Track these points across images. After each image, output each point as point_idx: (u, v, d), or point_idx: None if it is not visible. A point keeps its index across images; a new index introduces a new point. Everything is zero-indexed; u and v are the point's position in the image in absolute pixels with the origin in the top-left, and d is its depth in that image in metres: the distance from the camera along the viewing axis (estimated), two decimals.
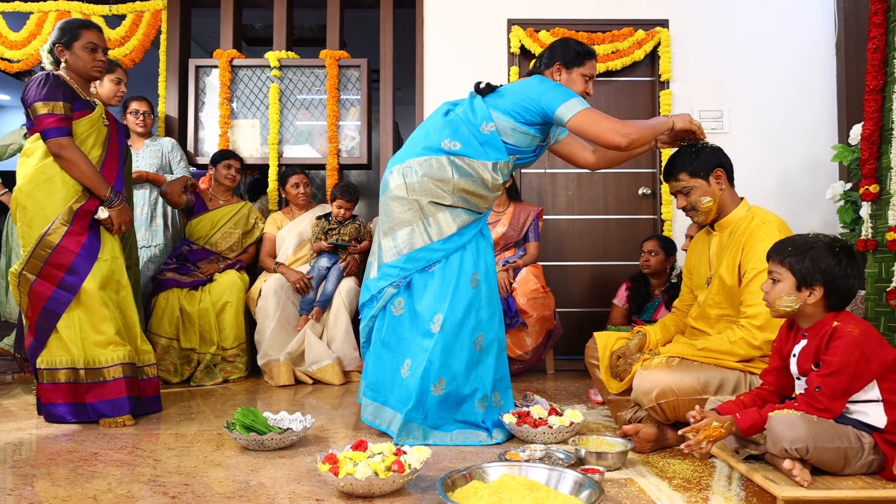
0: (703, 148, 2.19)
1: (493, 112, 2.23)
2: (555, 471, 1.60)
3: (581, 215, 4.17)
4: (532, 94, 2.20)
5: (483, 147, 2.23)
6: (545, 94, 2.18)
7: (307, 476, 1.81)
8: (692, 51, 4.08)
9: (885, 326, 2.54)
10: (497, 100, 2.25)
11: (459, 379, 2.19)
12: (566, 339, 3.98)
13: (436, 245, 2.21)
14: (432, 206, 2.22)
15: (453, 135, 2.24)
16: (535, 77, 2.29)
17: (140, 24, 4.20)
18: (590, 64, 2.32)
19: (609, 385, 2.28)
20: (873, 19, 2.66)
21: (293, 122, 4.20)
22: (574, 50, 2.31)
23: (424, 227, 2.21)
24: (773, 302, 1.66)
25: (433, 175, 2.22)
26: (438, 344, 2.15)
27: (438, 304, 2.18)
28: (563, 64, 2.31)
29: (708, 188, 2.14)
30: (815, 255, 1.60)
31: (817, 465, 1.51)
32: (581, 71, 2.31)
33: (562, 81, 2.29)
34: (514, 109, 2.21)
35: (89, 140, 2.54)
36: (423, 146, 2.27)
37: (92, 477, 1.81)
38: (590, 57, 2.33)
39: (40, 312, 2.43)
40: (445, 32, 4.14)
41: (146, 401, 2.59)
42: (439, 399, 2.16)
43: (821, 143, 4.01)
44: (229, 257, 3.70)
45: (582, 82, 2.32)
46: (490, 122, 2.22)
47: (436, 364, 2.14)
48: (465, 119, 2.26)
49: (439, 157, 2.23)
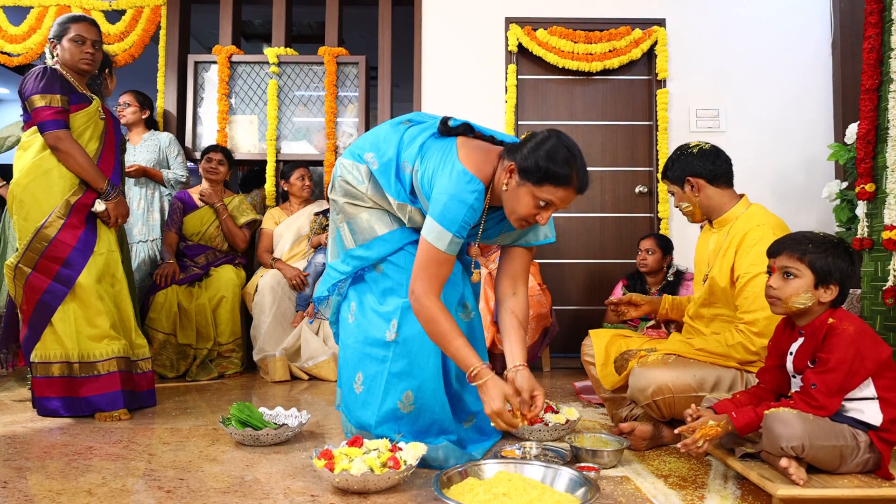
0: (683, 154, 2.15)
1: (418, 160, 1.82)
2: (550, 468, 1.60)
3: (578, 213, 4.17)
4: (438, 178, 1.74)
5: (398, 183, 1.88)
6: (436, 191, 1.72)
7: (302, 472, 1.81)
8: (689, 50, 4.09)
9: (882, 325, 2.55)
10: (432, 150, 1.82)
11: (428, 397, 1.88)
12: (562, 336, 3.99)
13: (356, 251, 1.96)
14: (350, 207, 1.98)
15: (379, 151, 1.92)
16: (457, 171, 1.72)
17: (140, 20, 4.19)
18: (549, 189, 1.65)
19: (605, 382, 2.28)
20: (869, 19, 2.66)
21: (291, 119, 4.19)
22: (536, 162, 1.64)
23: (347, 228, 1.99)
24: (786, 298, 1.61)
25: (347, 178, 1.98)
26: (397, 353, 1.87)
27: (392, 310, 1.89)
28: (517, 168, 1.68)
29: (683, 195, 2.15)
30: (836, 253, 1.59)
31: (813, 463, 1.52)
32: (534, 191, 1.66)
33: (508, 189, 1.70)
34: (426, 174, 1.80)
35: (86, 133, 2.53)
36: (352, 150, 2.03)
37: (86, 471, 1.80)
38: (553, 182, 1.64)
39: (35, 306, 2.42)
40: (444, 30, 4.14)
41: (141, 395, 2.58)
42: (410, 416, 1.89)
43: (817, 141, 4.02)
44: (224, 250, 3.70)
45: (528, 205, 1.68)
46: (410, 166, 1.84)
47: (396, 378, 1.87)
48: (401, 144, 1.89)
49: (360, 166, 1.97)
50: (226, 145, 4.05)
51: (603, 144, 4.19)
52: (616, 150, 4.19)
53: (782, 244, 1.65)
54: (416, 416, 1.89)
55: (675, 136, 4.04)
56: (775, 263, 1.65)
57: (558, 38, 4.03)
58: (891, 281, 2.47)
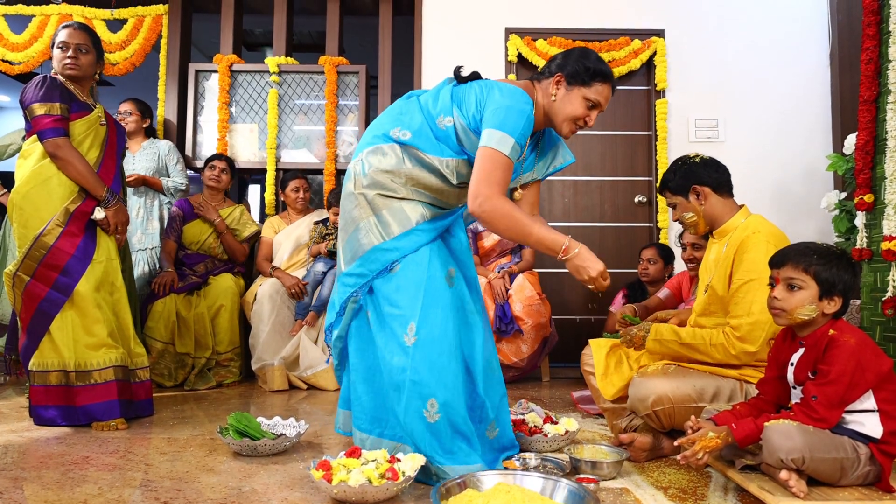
0: (685, 164, 2.17)
1: (455, 107, 1.89)
2: (549, 480, 1.59)
3: (577, 222, 4.17)
4: (487, 100, 1.84)
5: (438, 142, 1.88)
6: (491, 108, 1.81)
7: (300, 482, 1.80)
8: (688, 60, 4.11)
9: (881, 336, 2.55)
10: (464, 93, 1.91)
11: (454, 402, 1.79)
12: (562, 346, 3.97)
13: (388, 244, 1.85)
14: (381, 199, 1.87)
15: (404, 123, 1.91)
16: (511, 88, 1.86)
17: (141, 29, 4.21)
18: (597, 87, 1.86)
19: (605, 392, 2.28)
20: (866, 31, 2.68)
21: (291, 127, 4.20)
22: (584, 65, 1.86)
23: (375, 222, 1.87)
24: (791, 310, 1.60)
25: (381, 166, 1.88)
26: (417, 359, 1.77)
27: (409, 312, 1.81)
28: (564, 77, 1.88)
29: (688, 205, 2.15)
30: (840, 265, 1.58)
31: (813, 475, 1.51)
32: (584, 92, 1.86)
33: (557, 98, 1.89)
34: (469, 110, 1.86)
35: (87, 141, 2.54)
36: (372, 134, 1.96)
37: (82, 481, 1.79)
38: (601, 79, 1.86)
39: (34, 314, 2.42)
40: (443, 40, 4.16)
41: (138, 404, 2.57)
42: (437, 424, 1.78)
43: (815, 152, 4.03)
44: (224, 260, 3.70)
45: (581, 106, 1.87)
46: (448, 117, 1.88)
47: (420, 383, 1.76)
48: (424, 107, 1.93)
49: (390, 145, 1.90)
50: (226, 154, 4.06)
51: (602, 154, 4.20)
52: (615, 160, 4.20)
53: (786, 255, 1.63)
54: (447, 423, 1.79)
55: (674, 146, 4.06)
56: (779, 274, 1.64)
57: (558, 49, 4.05)
58: (890, 291, 2.47)
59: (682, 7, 4.14)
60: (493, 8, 4.15)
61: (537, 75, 1.98)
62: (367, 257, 1.86)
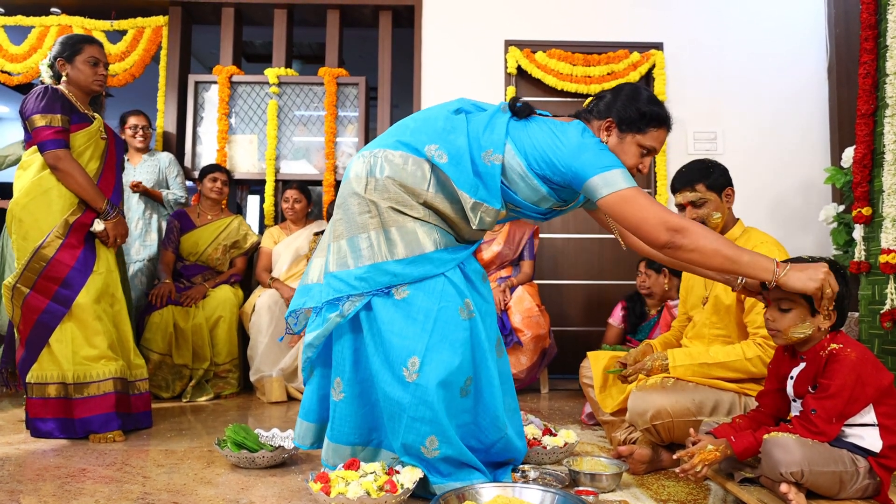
0: (718, 164, 2.15)
1: (510, 143, 1.71)
2: (548, 492, 1.59)
3: (576, 234, 4.18)
4: (564, 145, 1.66)
5: (475, 178, 1.70)
6: (582, 154, 1.64)
7: (298, 495, 1.79)
8: (687, 73, 4.13)
9: (880, 348, 2.55)
10: (523, 131, 1.72)
11: (455, 442, 1.69)
12: (561, 358, 3.96)
13: (388, 266, 1.68)
14: (393, 214, 1.70)
15: (445, 143, 1.71)
16: (576, 124, 1.72)
17: (141, 40, 4.23)
18: (653, 134, 1.72)
19: (603, 405, 2.27)
20: (864, 45, 2.70)
21: (291, 138, 4.21)
22: (637, 108, 1.70)
23: (382, 238, 1.70)
24: (785, 331, 1.60)
25: (402, 179, 1.71)
26: (418, 397, 1.64)
27: (413, 344, 1.66)
28: (616, 122, 1.72)
29: (720, 204, 2.11)
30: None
31: (812, 489, 1.50)
32: (638, 139, 1.72)
33: (607, 144, 1.72)
34: (534, 153, 1.69)
35: (87, 153, 2.54)
36: (401, 140, 1.76)
37: (79, 494, 1.78)
38: (656, 124, 1.72)
39: (33, 326, 2.41)
40: (443, 52, 4.18)
41: (136, 416, 2.56)
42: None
43: (814, 165, 4.05)
44: (222, 271, 3.69)
45: (635, 155, 1.73)
46: (497, 154, 1.69)
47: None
48: (472, 134, 1.73)
49: (420, 161, 1.72)
50: (225, 165, 4.07)
51: None
52: None
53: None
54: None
55: (672, 158, 4.08)
56: (769, 296, 1.64)
57: (557, 61, 4.08)
58: (888, 304, 2.47)
59: (680, 20, 4.17)
60: (493, 20, 4.18)
61: (585, 113, 1.80)
62: (364, 271, 1.69)
